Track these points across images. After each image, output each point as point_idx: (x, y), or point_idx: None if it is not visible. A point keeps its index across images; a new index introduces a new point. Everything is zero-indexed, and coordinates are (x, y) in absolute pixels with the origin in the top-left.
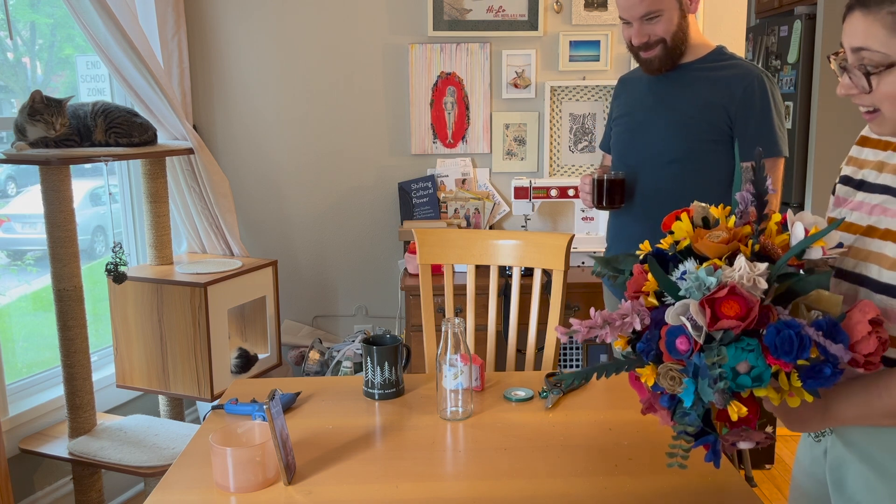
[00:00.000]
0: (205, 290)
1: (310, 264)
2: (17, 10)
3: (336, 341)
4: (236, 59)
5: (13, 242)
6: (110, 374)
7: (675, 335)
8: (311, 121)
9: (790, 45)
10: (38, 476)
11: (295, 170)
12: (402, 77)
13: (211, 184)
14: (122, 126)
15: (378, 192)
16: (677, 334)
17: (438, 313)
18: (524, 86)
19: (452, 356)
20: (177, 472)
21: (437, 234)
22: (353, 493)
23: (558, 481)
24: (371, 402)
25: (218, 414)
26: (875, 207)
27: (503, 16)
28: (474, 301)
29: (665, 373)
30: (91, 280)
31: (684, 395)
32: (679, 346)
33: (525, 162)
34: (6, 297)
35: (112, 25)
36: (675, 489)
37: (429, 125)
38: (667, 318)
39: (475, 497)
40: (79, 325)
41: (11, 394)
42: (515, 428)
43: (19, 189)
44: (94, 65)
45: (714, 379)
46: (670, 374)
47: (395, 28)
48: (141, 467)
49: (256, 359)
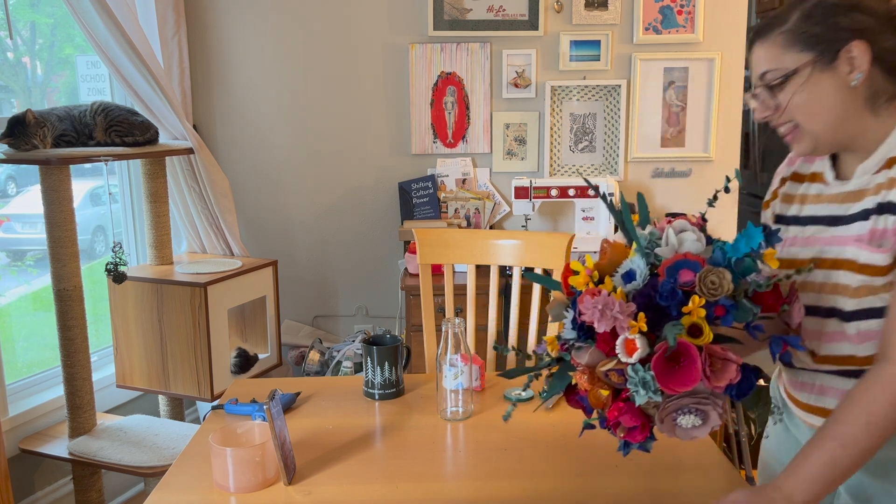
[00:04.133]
0: (205, 290)
1: (310, 264)
2: (17, 10)
3: (336, 341)
4: (236, 59)
5: (13, 242)
6: (110, 374)
7: (678, 269)
8: (311, 120)
9: None
10: (38, 476)
11: (295, 169)
12: (402, 77)
13: (211, 184)
14: (122, 125)
15: (378, 191)
16: (679, 267)
17: (439, 313)
18: (524, 85)
19: (453, 356)
20: (177, 472)
21: (437, 234)
22: (353, 493)
23: (558, 481)
24: (371, 402)
25: (218, 414)
26: (808, 239)
27: (503, 15)
28: (474, 301)
29: (607, 369)
30: (91, 280)
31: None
32: (683, 277)
33: (525, 162)
34: (6, 297)
35: (112, 25)
36: (675, 489)
37: (429, 125)
38: (662, 249)
39: (475, 497)
40: (79, 325)
41: (11, 394)
42: (515, 428)
43: (19, 189)
44: (94, 65)
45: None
46: (613, 368)
47: (395, 28)
48: (141, 467)
49: (256, 359)
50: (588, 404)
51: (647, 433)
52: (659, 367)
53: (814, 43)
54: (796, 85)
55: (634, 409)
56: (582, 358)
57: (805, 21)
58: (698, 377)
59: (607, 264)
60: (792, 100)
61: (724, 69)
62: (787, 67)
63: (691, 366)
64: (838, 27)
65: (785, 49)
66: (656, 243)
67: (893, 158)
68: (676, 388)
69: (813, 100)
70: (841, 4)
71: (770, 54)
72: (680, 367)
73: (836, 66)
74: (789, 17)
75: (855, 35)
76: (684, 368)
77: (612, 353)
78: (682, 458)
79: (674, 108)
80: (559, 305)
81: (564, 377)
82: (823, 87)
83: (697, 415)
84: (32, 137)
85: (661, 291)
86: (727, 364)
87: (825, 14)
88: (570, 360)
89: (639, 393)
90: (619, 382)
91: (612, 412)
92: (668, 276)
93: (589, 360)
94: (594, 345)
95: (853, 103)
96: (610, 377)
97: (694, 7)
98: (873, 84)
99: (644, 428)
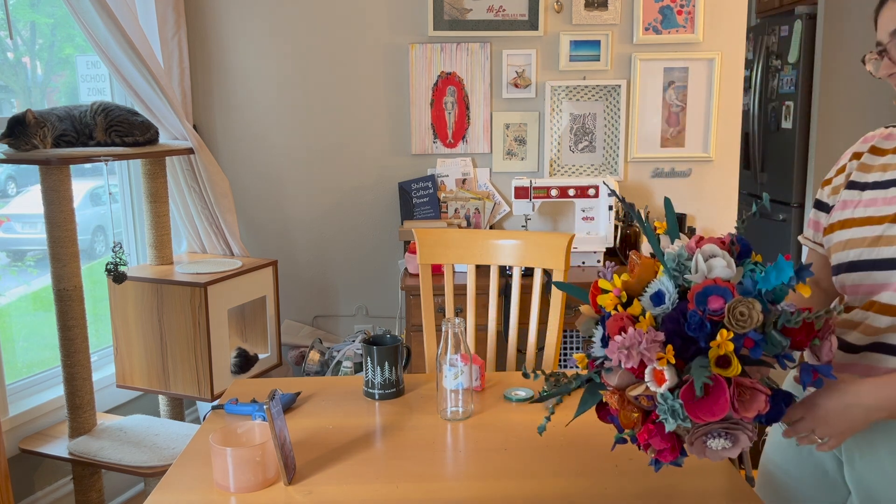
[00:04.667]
0: (205, 290)
1: (310, 264)
2: (17, 10)
3: (336, 341)
4: (236, 59)
5: (13, 242)
6: (110, 374)
7: (707, 295)
8: (311, 120)
9: (791, 45)
10: (38, 476)
11: (295, 169)
12: (402, 77)
13: (211, 184)
14: (122, 125)
15: (378, 191)
16: (709, 294)
17: (438, 313)
18: (524, 85)
19: (452, 356)
20: (177, 472)
21: (437, 234)
22: (353, 493)
23: (558, 481)
24: (371, 402)
25: (218, 414)
26: (892, 199)
27: (503, 15)
28: (474, 301)
29: (638, 393)
30: (91, 280)
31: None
32: (712, 304)
33: (525, 162)
34: (6, 297)
35: (112, 25)
36: (675, 489)
37: (429, 125)
38: (691, 276)
39: (475, 497)
40: (79, 325)
41: (11, 394)
42: (516, 428)
43: (19, 189)
44: (94, 65)
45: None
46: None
47: (395, 28)
48: (141, 467)
49: (256, 359)
50: (619, 423)
51: (677, 453)
52: (688, 396)
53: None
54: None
55: (664, 433)
56: (612, 379)
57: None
58: (727, 408)
59: (636, 283)
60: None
61: (724, 69)
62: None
63: (720, 396)
64: None
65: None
66: (685, 265)
67: None
68: (705, 417)
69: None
70: None
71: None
72: (709, 396)
73: None
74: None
75: None
76: (713, 397)
77: (642, 377)
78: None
79: (674, 108)
80: (589, 321)
81: (595, 395)
82: None
83: (727, 438)
84: (32, 137)
85: (690, 322)
86: (756, 394)
87: None
88: (599, 379)
89: (668, 421)
90: (650, 406)
91: (642, 434)
92: (698, 304)
93: (619, 382)
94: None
95: None
96: (640, 401)
97: (694, 7)
98: None
99: (674, 449)
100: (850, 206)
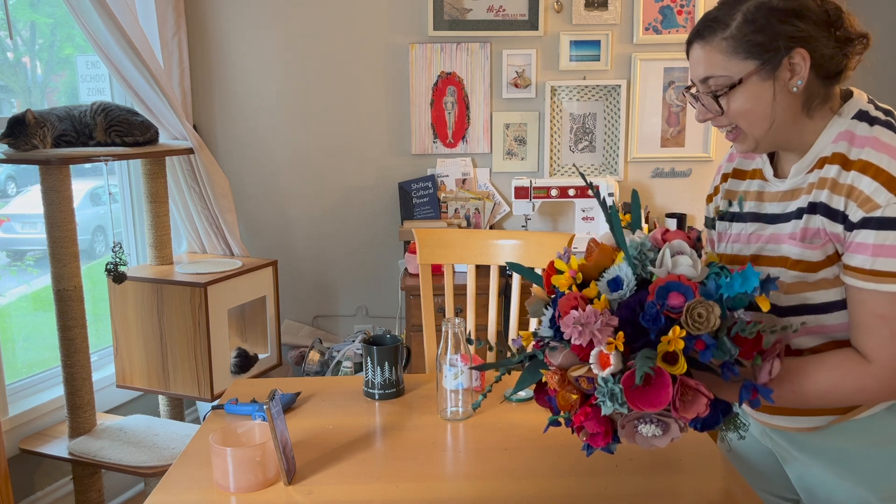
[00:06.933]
0: (205, 290)
1: (310, 264)
2: (17, 10)
3: (336, 341)
4: (236, 59)
5: (13, 242)
6: (110, 374)
7: (669, 290)
8: (311, 120)
9: None
10: (38, 476)
11: (295, 169)
12: (402, 77)
13: (211, 184)
14: (122, 125)
15: (378, 191)
16: (671, 289)
17: (438, 313)
18: (524, 85)
19: (452, 356)
20: (177, 472)
21: (437, 234)
22: (353, 493)
23: (558, 481)
24: (371, 402)
25: (218, 414)
26: (751, 236)
27: (503, 15)
28: (474, 301)
29: (577, 374)
30: (91, 280)
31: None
32: (672, 300)
33: (525, 162)
34: (6, 297)
35: (112, 25)
36: (674, 489)
37: (429, 125)
38: (656, 269)
39: (475, 497)
40: (79, 325)
41: (11, 394)
42: (516, 428)
43: (19, 189)
44: (94, 65)
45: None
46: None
47: (395, 28)
48: (141, 467)
49: (256, 359)
50: (555, 404)
51: (609, 439)
52: (629, 383)
53: (758, 51)
54: (740, 92)
55: (600, 416)
56: (555, 358)
57: (747, 26)
58: (667, 402)
59: (592, 267)
60: (735, 106)
61: None
62: (730, 76)
63: (662, 389)
64: (781, 35)
65: (728, 56)
66: (647, 255)
67: (824, 158)
68: (644, 406)
69: (755, 106)
70: (783, 10)
71: (712, 59)
72: (651, 386)
73: (778, 73)
74: (731, 21)
75: (797, 43)
76: (655, 389)
77: (586, 359)
78: (682, 458)
79: (674, 108)
80: (539, 302)
81: (535, 374)
82: (765, 93)
83: (658, 425)
84: (32, 137)
85: (646, 313)
86: (698, 396)
87: (768, 20)
88: (543, 357)
89: (605, 404)
90: (589, 389)
91: (578, 416)
92: (658, 297)
93: (562, 361)
94: (569, 347)
95: (792, 107)
96: (580, 382)
97: (694, 7)
98: (809, 88)
99: (607, 434)
100: (723, 240)
